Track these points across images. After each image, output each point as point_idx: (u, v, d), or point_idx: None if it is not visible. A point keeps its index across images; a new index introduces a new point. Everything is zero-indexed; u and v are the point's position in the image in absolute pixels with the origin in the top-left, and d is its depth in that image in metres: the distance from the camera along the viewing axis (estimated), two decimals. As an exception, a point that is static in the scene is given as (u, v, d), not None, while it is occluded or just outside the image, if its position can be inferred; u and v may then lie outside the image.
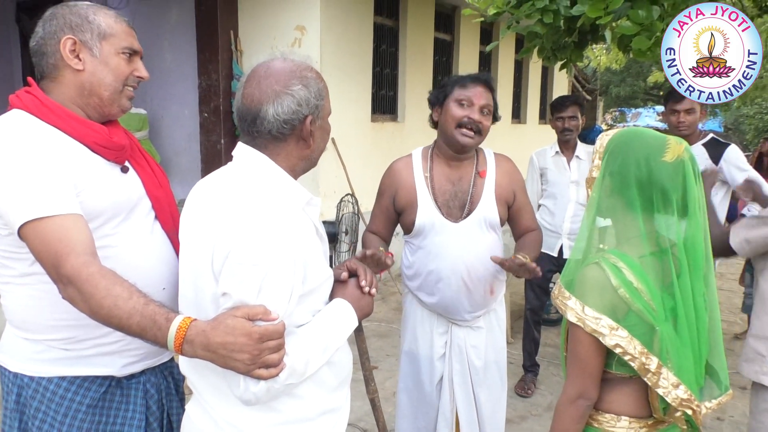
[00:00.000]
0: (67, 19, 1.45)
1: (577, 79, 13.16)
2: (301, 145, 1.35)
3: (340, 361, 1.42)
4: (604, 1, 2.83)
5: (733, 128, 20.87)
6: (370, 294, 1.47)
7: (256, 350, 1.14)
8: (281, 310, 1.20)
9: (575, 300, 1.43)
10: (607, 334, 1.38)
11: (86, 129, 1.45)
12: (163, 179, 1.66)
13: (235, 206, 1.24)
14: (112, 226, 1.47)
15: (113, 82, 1.49)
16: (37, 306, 1.45)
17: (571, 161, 3.80)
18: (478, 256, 2.24)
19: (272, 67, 1.33)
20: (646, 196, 1.40)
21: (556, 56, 3.56)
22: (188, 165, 6.19)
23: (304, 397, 1.34)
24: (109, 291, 1.23)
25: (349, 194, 5.54)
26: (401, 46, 6.82)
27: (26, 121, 1.40)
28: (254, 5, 5.61)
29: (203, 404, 1.35)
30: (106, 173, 1.48)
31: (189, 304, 1.33)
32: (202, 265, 1.25)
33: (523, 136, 9.85)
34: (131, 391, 1.56)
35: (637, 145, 1.44)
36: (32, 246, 1.32)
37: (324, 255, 1.41)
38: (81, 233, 1.32)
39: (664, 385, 1.38)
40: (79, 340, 1.47)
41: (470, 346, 2.36)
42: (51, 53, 1.45)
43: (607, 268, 1.40)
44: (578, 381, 1.45)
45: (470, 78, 2.24)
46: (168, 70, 6.12)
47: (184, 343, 1.17)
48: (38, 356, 1.48)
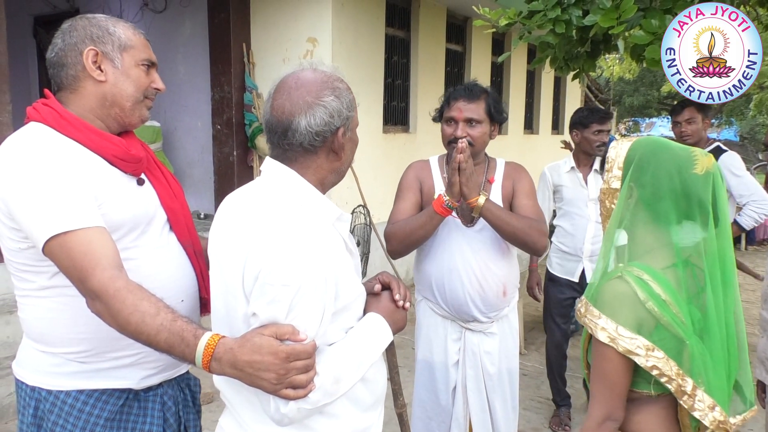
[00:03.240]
0: (87, 30, 1.46)
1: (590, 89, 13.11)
2: (332, 157, 1.32)
3: (374, 378, 1.38)
4: (617, 10, 2.81)
5: (749, 137, 20.68)
6: (403, 308, 1.43)
7: (283, 370, 1.12)
8: (313, 330, 1.18)
9: (606, 319, 1.36)
10: (642, 355, 1.32)
11: (104, 141, 1.45)
12: (178, 191, 1.66)
13: (266, 224, 1.21)
14: (131, 239, 1.47)
15: (135, 92, 1.50)
16: (55, 319, 1.45)
17: (588, 176, 3.45)
18: (489, 256, 2.30)
19: (303, 78, 1.29)
20: (681, 208, 1.37)
21: (568, 66, 3.54)
22: (201, 176, 6.23)
23: (339, 416, 1.30)
24: (137, 307, 1.23)
25: (361, 205, 5.54)
26: (413, 57, 6.83)
27: (45, 134, 1.40)
28: (266, 18, 5.66)
29: (237, 418, 1.32)
30: (124, 186, 1.48)
31: (220, 321, 1.30)
32: (233, 284, 1.23)
33: (535, 147, 9.82)
34: (149, 403, 1.56)
35: (666, 157, 1.40)
36: (58, 261, 1.31)
37: (356, 270, 1.37)
38: (105, 246, 1.31)
39: (700, 408, 1.33)
40: (97, 353, 1.47)
41: (484, 352, 2.37)
42: (72, 64, 1.45)
43: (631, 281, 1.35)
44: (606, 402, 1.39)
45: (453, 94, 2.30)
46: (181, 83, 6.18)
47: (212, 360, 1.16)
48: (56, 369, 1.47)
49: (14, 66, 4.92)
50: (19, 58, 7.29)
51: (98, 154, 1.44)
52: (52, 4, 7.23)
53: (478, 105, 2.25)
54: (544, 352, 3.72)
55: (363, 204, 5.54)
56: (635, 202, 1.41)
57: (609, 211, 1.48)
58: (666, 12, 2.90)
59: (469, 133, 2.24)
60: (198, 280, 1.62)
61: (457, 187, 2.10)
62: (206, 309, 1.65)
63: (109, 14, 1.58)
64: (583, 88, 12.04)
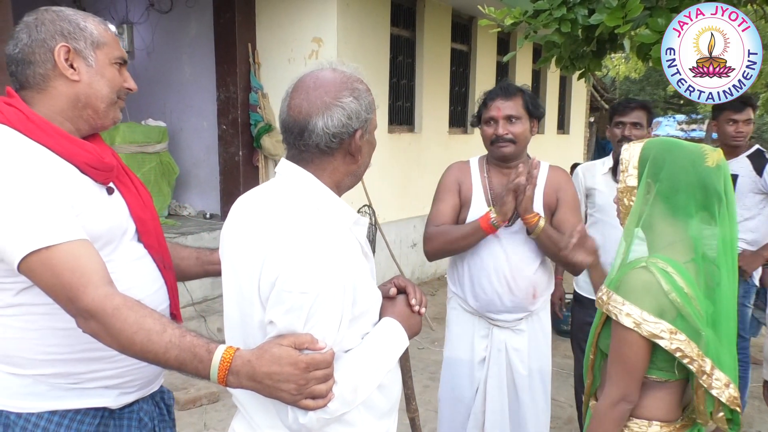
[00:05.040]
0: (57, 25, 1.34)
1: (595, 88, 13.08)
2: (348, 160, 1.28)
3: (390, 384, 1.35)
4: (623, 9, 2.80)
5: (756, 136, 20.58)
6: (419, 313, 1.39)
7: (303, 380, 1.09)
8: (331, 338, 1.15)
9: (631, 305, 1.43)
10: (667, 338, 1.40)
11: (76, 148, 1.33)
12: (148, 199, 1.55)
13: (283, 229, 1.17)
14: (106, 253, 1.35)
15: (109, 93, 1.39)
16: (23, 339, 1.32)
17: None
18: (522, 258, 2.30)
19: (321, 78, 1.25)
20: (699, 199, 1.44)
21: (574, 66, 3.52)
22: (207, 177, 6.24)
23: (355, 424, 1.27)
24: (141, 325, 1.15)
25: (367, 205, 5.54)
26: (418, 56, 6.83)
27: (13, 138, 1.27)
28: (272, 18, 5.67)
29: (250, 422, 1.29)
30: (96, 195, 1.37)
31: (234, 327, 1.27)
32: (248, 289, 1.20)
33: (541, 147, 9.80)
34: (124, 421, 1.45)
35: (679, 152, 1.48)
36: (39, 279, 1.20)
37: (371, 274, 1.35)
38: (94, 261, 1.21)
39: (717, 386, 1.42)
40: (71, 374, 1.35)
41: (512, 348, 2.36)
42: (40, 62, 1.32)
43: (656, 272, 1.42)
44: (623, 383, 1.47)
45: (489, 95, 2.34)
46: (187, 83, 6.19)
47: (228, 374, 1.12)
48: (25, 390, 1.33)
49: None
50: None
51: (69, 161, 1.31)
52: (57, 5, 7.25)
53: (515, 102, 2.28)
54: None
55: (368, 204, 5.54)
56: (653, 196, 1.49)
57: (627, 208, 1.55)
58: (672, 11, 2.89)
59: (510, 131, 2.27)
60: (169, 294, 1.53)
61: (508, 207, 2.13)
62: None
63: (115, 15, 1.54)
64: (588, 88, 12.01)
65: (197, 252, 1.73)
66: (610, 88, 16.22)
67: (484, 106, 2.33)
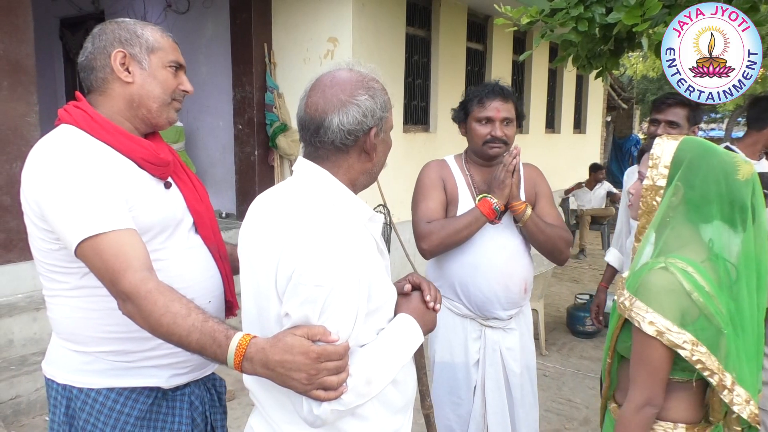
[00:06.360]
0: (116, 33, 1.48)
1: (612, 87, 12.99)
2: (363, 158, 1.31)
3: (405, 380, 1.37)
4: (641, 7, 2.77)
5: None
6: (434, 309, 1.42)
7: (314, 370, 1.12)
8: (346, 331, 1.17)
9: (654, 313, 1.41)
10: (689, 350, 1.38)
11: (134, 145, 1.47)
12: (203, 193, 1.68)
13: (299, 224, 1.20)
14: (160, 241, 1.48)
15: (161, 94, 1.51)
16: (86, 318, 1.46)
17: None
18: (511, 254, 2.31)
19: (338, 77, 1.29)
20: (725, 212, 1.43)
21: (591, 64, 3.49)
22: (223, 176, 6.28)
23: (369, 418, 1.29)
24: (168, 308, 1.24)
25: (382, 205, 5.54)
26: (433, 56, 6.82)
27: (77, 137, 1.42)
28: (287, 18, 5.69)
29: (267, 419, 1.32)
30: (153, 189, 1.50)
31: (252, 321, 1.30)
32: (265, 284, 1.23)
33: (556, 146, 9.74)
34: (176, 403, 1.57)
35: (715, 162, 1.45)
36: (89, 263, 1.33)
37: (387, 271, 1.37)
38: (136, 248, 1.33)
39: (738, 402, 1.40)
40: (128, 352, 1.48)
41: (505, 348, 2.36)
42: (101, 67, 1.48)
43: (677, 272, 1.41)
44: (647, 387, 1.45)
45: (486, 93, 2.31)
46: (203, 83, 6.24)
47: (243, 360, 1.16)
48: (87, 367, 1.48)
49: (41, 67, 5.00)
50: (45, 59, 7.41)
51: (128, 157, 1.46)
52: (77, 6, 7.34)
53: (510, 105, 2.31)
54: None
55: (383, 203, 5.55)
56: (680, 200, 1.46)
57: (650, 207, 1.52)
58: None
59: (505, 133, 2.29)
60: (223, 282, 1.63)
61: (508, 189, 2.19)
62: (231, 312, 1.67)
63: (133, 16, 1.61)
64: (605, 87, 11.92)
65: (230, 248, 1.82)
66: (628, 87, 16.08)
67: (479, 104, 2.31)
